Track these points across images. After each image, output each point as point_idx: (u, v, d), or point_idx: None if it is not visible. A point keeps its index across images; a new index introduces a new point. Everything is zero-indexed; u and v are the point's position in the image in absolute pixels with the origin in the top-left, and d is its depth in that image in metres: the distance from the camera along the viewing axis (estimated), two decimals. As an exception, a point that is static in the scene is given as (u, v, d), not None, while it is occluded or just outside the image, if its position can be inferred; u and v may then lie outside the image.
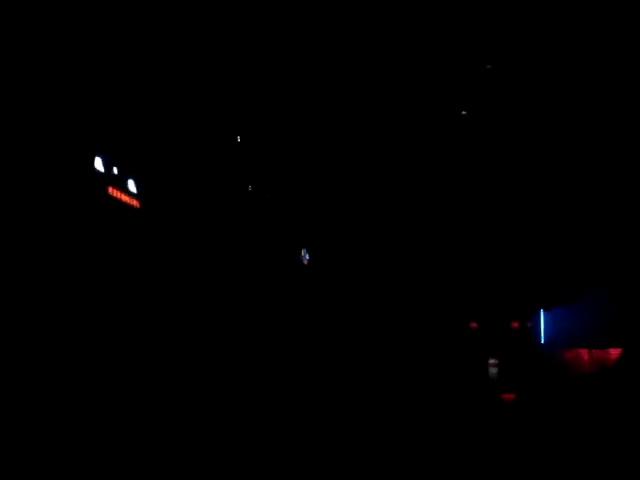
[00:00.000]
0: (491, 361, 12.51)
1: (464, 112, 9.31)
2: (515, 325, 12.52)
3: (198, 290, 7.91)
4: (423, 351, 11.77)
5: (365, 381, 10.20)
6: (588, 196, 10.94)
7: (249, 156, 9.49)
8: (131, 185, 6.80)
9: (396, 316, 12.40)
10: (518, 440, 7.67)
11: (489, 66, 8.08)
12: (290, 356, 9.61)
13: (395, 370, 11.09)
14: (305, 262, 11.67)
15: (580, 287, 12.41)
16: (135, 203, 6.91)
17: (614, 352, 11.07)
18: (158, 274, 7.15)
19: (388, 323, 12.26)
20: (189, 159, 8.07)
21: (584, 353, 12.41)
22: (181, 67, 7.38)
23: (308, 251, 11.71)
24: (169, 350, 6.93)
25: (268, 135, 9.68)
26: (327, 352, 10.70)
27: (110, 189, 6.40)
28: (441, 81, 8.61)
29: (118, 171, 6.50)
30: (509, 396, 10.66)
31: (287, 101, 9.01)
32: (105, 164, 6.22)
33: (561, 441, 7.36)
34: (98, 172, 6.12)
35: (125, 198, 6.69)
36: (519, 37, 7.64)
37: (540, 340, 13.21)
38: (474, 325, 12.65)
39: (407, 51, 8.04)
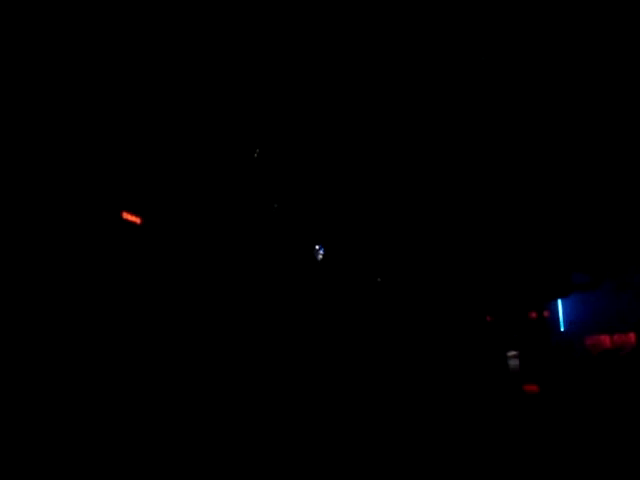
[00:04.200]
0: (511, 353, 12.35)
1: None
2: (533, 315, 12.34)
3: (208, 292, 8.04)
4: (439, 348, 11.65)
5: (378, 382, 10.12)
6: (604, 186, 10.80)
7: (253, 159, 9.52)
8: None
9: (411, 314, 12.30)
10: (544, 432, 7.54)
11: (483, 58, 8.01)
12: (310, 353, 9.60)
13: (413, 369, 10.99)
14: (319, 258, 11.58)
15: (600, 274, 12.19)
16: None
17: (634, 336, 10.90)
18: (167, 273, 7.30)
19: (402, 321, 12.17)
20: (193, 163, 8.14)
21: (605, 339, 12.21)
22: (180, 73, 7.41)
23: (322, 246, 11.61)
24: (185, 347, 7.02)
25: (271, 135, 9.69)
26: (340, 350, 10.65)
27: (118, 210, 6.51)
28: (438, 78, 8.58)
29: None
30: (531, 387, 10.52)
31: (287, 103, 9.02)
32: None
33: (588, 430, 7.22)
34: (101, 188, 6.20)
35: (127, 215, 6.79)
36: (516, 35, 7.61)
37: (559, 328, 13.05)
38: (488, 318, 12.51)
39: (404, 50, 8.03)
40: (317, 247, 11.54)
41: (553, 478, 5.85)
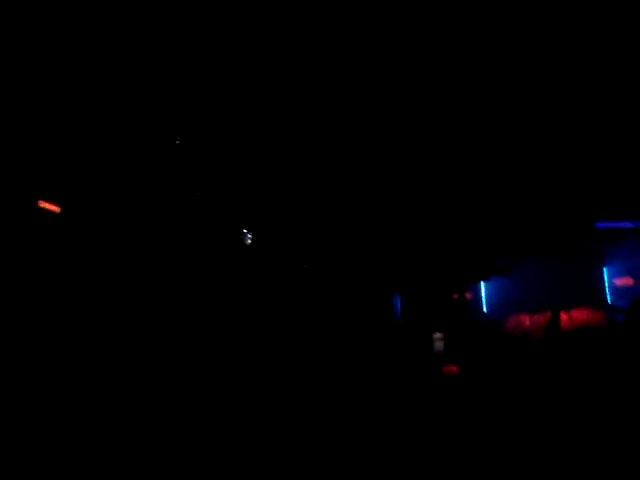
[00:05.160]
0: (437, 335, 12.46)
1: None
2: (455, 297, 12.52)
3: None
4: (363, 333, 11.60)
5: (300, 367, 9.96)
6: (523, 171, 10.89)
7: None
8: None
9: (338, 300, 12.18)
10: (467, 412, 7.58)
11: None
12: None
13: (338, 354, 10.88)
14: (247, 242, 11.27)
15: (515, 259, 12.52)
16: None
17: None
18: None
19: (330, 308, 12.04)
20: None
21: (525, 319, 12.56)
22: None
23: (250, 231, 11.30)
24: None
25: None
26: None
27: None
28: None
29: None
30: (451, 368, 10.61)
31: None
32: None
33: (511, 409, 7.30)
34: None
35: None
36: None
37: (482, 309, 13.30)
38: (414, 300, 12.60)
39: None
40: (244, 231, 11.24)
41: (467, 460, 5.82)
